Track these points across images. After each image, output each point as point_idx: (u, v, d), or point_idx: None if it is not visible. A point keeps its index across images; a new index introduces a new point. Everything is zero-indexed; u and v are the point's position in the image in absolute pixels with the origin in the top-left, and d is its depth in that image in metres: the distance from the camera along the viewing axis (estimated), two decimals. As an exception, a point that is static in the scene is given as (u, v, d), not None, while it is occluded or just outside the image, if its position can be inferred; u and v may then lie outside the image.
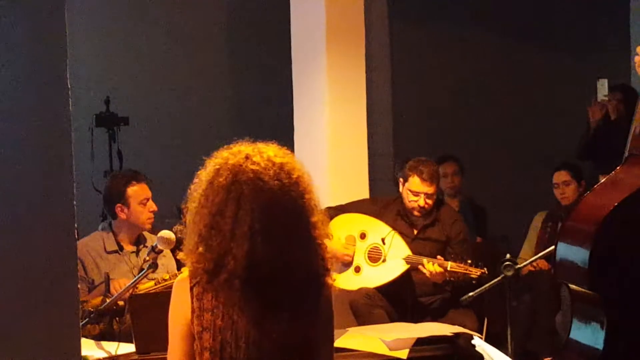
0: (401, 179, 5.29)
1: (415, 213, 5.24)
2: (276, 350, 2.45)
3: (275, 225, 2.44)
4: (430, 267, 4.96)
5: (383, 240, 5.19)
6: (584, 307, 2.75)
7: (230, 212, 2.44)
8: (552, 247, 2.96)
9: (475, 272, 4.88)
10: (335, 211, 5.33)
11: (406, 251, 5.12)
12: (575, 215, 2.82)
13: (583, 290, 2.75)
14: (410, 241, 5.20)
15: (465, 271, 4.89)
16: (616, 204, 2.64)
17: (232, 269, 2.42)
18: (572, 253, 2.77)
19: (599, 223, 2.64)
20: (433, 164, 5.29)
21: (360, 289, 5.18)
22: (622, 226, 2.65)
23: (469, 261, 4.94)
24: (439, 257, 5.03)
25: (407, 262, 5.09)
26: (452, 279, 4.99)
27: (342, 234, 5.31)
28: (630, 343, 2.67)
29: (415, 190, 5.19)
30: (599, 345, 2.70)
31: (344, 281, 5.24)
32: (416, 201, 5.19)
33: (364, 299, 5.14)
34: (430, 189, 5.18)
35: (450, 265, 4.93)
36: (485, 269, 4.89)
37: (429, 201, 5.20)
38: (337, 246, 5.19)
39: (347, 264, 5.26)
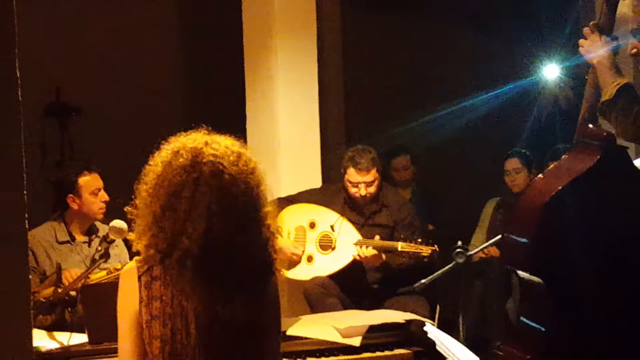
0: (342, 170, 5.31)
1: (360, 201, 5.27)
2: (226, 333, 2.46)
3: (233, 208, 2.45)
4: (362, 251, 5.00)
5: (332, 227, 5.21)
6: (531, 293, 2.79)
7: (187, 192, 2.44)
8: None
9: (425, 250, 4.93)
10: (285, 202, 5.33)
11: (356, 236, 5.14)
12: (521, 202, 2.87)
13: (528, 275, 2.80)
14: (360, 228, 5.23)
15: (416, 250, 4.94)
16: (558, 188, 2.68)
17: (186, 248, 2.42)
18: (517, 239, 2.81)
19: (541, 209, 2.69)
20: (369, 150, 5.27)
21: (314, 279, 5.20)
22: (564, 212, 2.70)
23: (419, 240, 4.99)
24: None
25: (359, 246, 5.12)
26: (404, 258, 5.03)
27: (291, 226, 5.31)
28: (575, 326, 2.72)
29: (354, 182, 5.22)
30: (546, 329, 2.75)
31: (298, 272, 5.25)
32: (357, 191, 5.23)
33: (318, 288, 5.15)
34: (367, 178, 5.20)
35: (400, 245, 4.97)
36: (435, 246, 4.94)
37: (370, 189, 5.23)
38: (286, 244, 5.20)
39: (295, 263, 5.26)
